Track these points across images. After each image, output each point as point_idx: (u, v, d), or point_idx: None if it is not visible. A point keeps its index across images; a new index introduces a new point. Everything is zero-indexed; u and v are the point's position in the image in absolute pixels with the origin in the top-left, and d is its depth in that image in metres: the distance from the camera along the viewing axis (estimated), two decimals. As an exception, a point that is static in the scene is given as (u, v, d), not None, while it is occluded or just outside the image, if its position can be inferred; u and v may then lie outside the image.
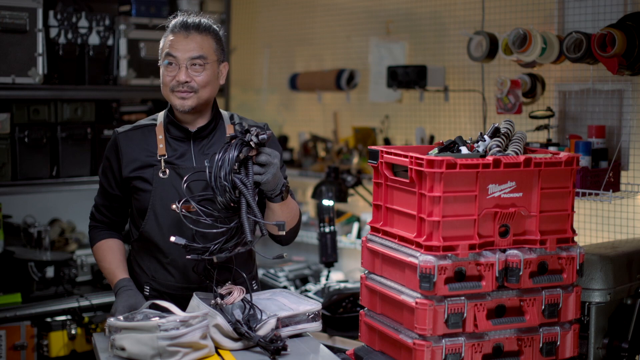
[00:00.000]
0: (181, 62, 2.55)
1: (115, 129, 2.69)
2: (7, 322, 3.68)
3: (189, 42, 2.56)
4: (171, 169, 2.58)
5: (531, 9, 3.63)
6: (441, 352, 2.20)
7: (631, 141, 3.29)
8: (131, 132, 2.65)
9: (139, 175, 2.59)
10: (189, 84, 2.55)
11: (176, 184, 2.57)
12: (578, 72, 3.46)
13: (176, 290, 2.61)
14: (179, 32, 2.58)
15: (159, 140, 2.61)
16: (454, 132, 4.03)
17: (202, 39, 2.58)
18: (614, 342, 2.76)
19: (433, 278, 2.18)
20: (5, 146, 3.80)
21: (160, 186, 2.57)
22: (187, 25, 2.59)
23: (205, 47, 2.58)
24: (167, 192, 2.57)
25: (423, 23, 4.24)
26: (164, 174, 2.57)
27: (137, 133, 2.64)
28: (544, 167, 2.29)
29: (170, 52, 2.57)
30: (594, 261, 2.73)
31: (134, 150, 2.61)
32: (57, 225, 4.29)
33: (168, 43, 2.59)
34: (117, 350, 2.23)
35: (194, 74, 2.56)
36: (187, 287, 2.59)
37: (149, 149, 2.61)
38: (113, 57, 4.17)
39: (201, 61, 2.56)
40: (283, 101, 5.17)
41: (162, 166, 2.58)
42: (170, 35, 2.60)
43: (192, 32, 2.58)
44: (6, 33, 3.75)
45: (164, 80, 2.60)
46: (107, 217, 2.71)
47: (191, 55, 2.55)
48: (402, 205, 2.34)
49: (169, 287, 2.62)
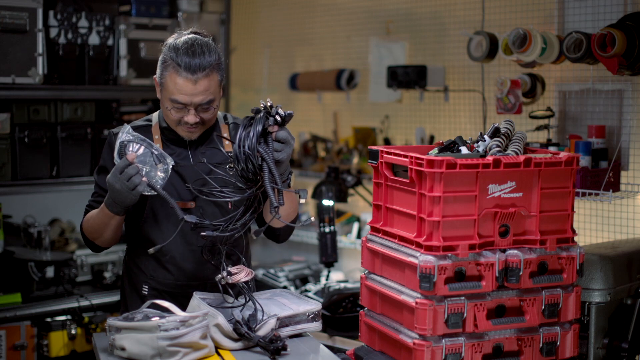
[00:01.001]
0: (190, 106, 2.49)
1: (110, 130, 2.66)
2: (7, 322, 3.68)
3: (197, 87, 2.46)
4: None
5: (531, 9, 3.63)
6: (441, 352, 2.21)
7: (631, 141, 3.29)
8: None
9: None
10: (198, 122, 2.53)
11: (174, 182, 2.57)
12: (578, 72, 3.46)
13: (175, 289, 2.61)
14: (186, 77, 2.44)
15: (156, 141, 2.61)
16: (454, 132, 4.03)
17: (209, 80, 2.47)
18: (614, 342, 2.76)
19: (433, 278, 2.18)
20: (5, 146, 3.80)
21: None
22: (194, 69, 2.44)
23: (213, 87, 2.50)
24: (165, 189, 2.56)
25: (423, 23, 4.24)
26: None
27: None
28: (544, 167, 2.29)
29: (177, 99, 2.47)
30: (594, 261, 2.73)
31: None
32: (57, 225, 4.29)
33: (174, 85, 2.46)
34: (117, 350, 2.23)
35: (203, 114, 2.52)
36: (186, 285, 2.60)
37: None
38: (113, 57, 4.17)
39: (209, 104, 2.51)
40: (283, 101, 5.17)
41: None
42: (174, 73, 2.45)
43: (199, 76, 2.45)
44: (6, 33, 3.75)
45: (170, 117, 2.53)
46: None
47: (200, 101, 2.48)
48: (402, 205, 2.34)
49: (167, 286, 2.62)
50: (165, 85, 2.49)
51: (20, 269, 3.85)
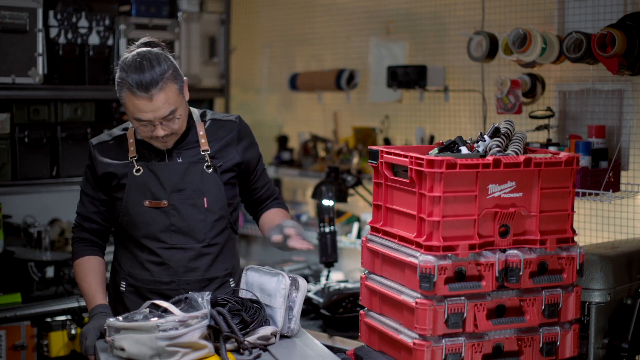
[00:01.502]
0: (154, 121, 2.49)
1: (90, 141, 2.70)
2: (7, 322, 3.68)
3: (155, 103, 2.45)
4: (144, 166, 2.61)
5: (531, 9, 3.63)
6: (441, 352, 2.20)
7: (631, 141, 3.29)
8: (105, 143, 2.67)
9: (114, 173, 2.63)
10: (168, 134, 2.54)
11: (149, 181, 2.60)
12: (578, 72, 3.46)
13: (151, 285, 2.64)
14: (140, 96, 2.43)
15: (130, 144, 2.64)
16: (454, 132, 4.03)
17: (165, 92, 2.46)
18: (614, 342, 2.76)
19: (433, 278, 2.18)
20: (5, 146, 3.80)
21: (134, 183, 2.61)
22: (146, 86, 2.43)
23: (172, 98, 2.48)
24: (139, 188, 2.61)
25: (423, 23, 4.24)
26: (137, 171, 2.61)
27: (111, 145, 2.67)
28: (544, 167, 2.29)
29: (140, 118, 2.47)
30: (594, 261, 2.73)
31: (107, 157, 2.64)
32: (57, 225, 4.29)
33: (133, 105, 2.46)
34: (117, 351, 2.23)
35: (170, 124, 2.52)
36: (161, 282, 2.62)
37: (121, 153, 2.65)
38: (113, 57, 4.17)
39: (172, 115, 2.50)
40: (283, 101, 5.17)
41: (135, 165, 2.61)
42: (130, 94, 2.45)
43: (154, 92, 2.44)
44: (6, 33, 3.75)
45: (141, 134, 2.55)
46: (98, 224, 2.71)
47: (163, 115, 2.48)
48: (402, 205, 2.34)
49: (144, 282, 2.65)
50: (126, 106, 2.51)
51: (20, 269, 3.85)
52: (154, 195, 2.60)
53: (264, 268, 2.53)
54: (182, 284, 2.61)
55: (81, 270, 2.66)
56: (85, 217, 2.71)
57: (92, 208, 2.70)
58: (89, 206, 2.70)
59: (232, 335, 2.25)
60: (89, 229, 2.71)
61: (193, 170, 2.62)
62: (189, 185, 2.61)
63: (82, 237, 2.72)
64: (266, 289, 2.46)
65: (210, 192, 2.63)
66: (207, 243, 2.64)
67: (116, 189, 2.64)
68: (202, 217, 2.62)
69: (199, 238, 2.63)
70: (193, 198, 2.61)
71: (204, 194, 2.62)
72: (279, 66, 5.13)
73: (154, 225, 2.60)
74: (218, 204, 2.65)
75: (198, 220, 2.62)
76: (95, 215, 2.70)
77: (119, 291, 2.70)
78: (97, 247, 2.73)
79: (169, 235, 2.61)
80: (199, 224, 2.62)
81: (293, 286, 2.43)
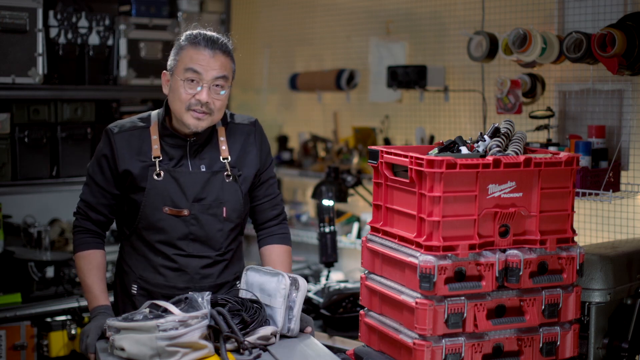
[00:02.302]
0: (204, 81, 2.49)
1: (108, 128, 2.63)
2: (7, 322, 3.67)
3: (215, 61, 2.50)
4: (166, 171, 2.58)
5: (531, 9, 3.63)
6: (441, 352, 2.20)
7: (631, 141, 3.29)
8: (127, 134, 2.61)
9: (133, 173, 2.58)
10: (208, 105, 2.52)
11: (169, 187, 2.57)
12: (578, 72, 3.46)
13: (164, 289, 2.61)
14: (204, 49, 2.49)
15: (154, 141, 2.60)
16: (454, 132, 4.03)
17: (225, 60, 2.54)
18: (614, 342, 2.76)
19: (433, 278, 2.18)
20: (5, 146, 3.80)
21: (154, 188, 2.57)
22: (214, 43, 2.51)
23: (227, 68, 2.54)
24: (160, 194, 2.57)
25: (423, 23, 4.24)
26: (158, 176, 2.57)
27: (131, 134, 2.61)
28: (544, 167, 2.29)
29: (195, 68, 2.48)
30: (594, 261, 2.73)
31: (128, 151, 2.59)
32: (57, 225, 4.29)
33: (190, 57, 2.49)
34: (117, 351, 2.23)
35: (214, 96, 2.52)
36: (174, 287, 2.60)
37: (142, 150, 2.59)
38: (113, 57, 4.17)
39: (223, 82, 2.52)
40: (283, 101, 5.17)
41: (156, 168, 2.57)
42: (191, 48, 2.50)
43: (218, 52, 2.51)
44: (6, 33, 3.75)
45: (182, 96, 2.51)
46: (104, 216, 2.66)
47: (216, 75, 2.50)
48: (402, 205, 2.34)
49: (156, 286, 2.62)
50: (181, 60, 2.52)
51: (20, 269, 3.85)
52: (175, 202, 2.57)
53: (264, 268, 2.53)
54: (197, 289, 2.57)
55: (84, 265, 2.61)
56: (93, 207, 2.64)
57: (102, 200, 2.63)
58: (99, 197, 2.63)
59: (232, 335, 2.25)
60: (94, 219, 2.65)
61: (214, 179, 2.60)
62: (210, 195, 2.59)
63: (86, 227, 2.65)
64: (266, 289, 2.46)
65: (229, 202, 2.61)
66: (223, 251, 2.64)
67: (131, 189, 2.59)
68: (220, 227, 2.61)
69: (216, 247, 2.62)
70: (213, 207, 2.59)
71: (223, 203, 2.60)
72: (279, 66, 5.13)
73: (172, 233, 2.58)
74: (236, 213, 2.64)
75: (216, 230, 2.61)
76: (103, 207, 2.64)
77: (129, 293, 2.66)
78: (100, 239, 2.66)
79: (186, 243, 2.59)
80: (217, 234, 2.61)
81: (293, 286, 2.43)
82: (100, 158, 2.63)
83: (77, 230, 2.66)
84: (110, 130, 2.62)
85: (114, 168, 2.59)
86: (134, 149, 2.59)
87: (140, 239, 2.62)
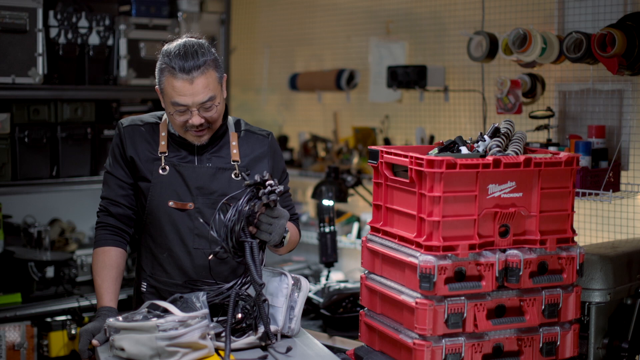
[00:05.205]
0: (193, 107, 2.49)
1: (119, 122, 2.67)
2: (7, 322, 3.68)
3: (195, 86, 2.47)
4: (171, 166, 2.59)
5: (531, 9, 3.63)
6: (441, 352, 2.20)
7: (631, 141, 3.29)
8: (136, 128, 2.64)
9: (139, 167, 2.61)
10: (204, 124, 2.53)
11: (174, 181, 2.58)
12: (578, 72, 3.46)
13: (172, 287, 2.61)
14: (182, 76, 2.46)
15: (162, 137, 2.62)
16: (454, 132, 4.03)
17: (206, 77, 2.48)
18: (614, 342, 2.76)
19: (433, 278, 2.18)
20: (5, 146, 3.80)
21: (159, 182, 2.59)
22: (188, 69, 2.46)
23: (211, 84, 2.50)
24: (165, 188, 2.59)
25: (423, 23, 4.24)
26: (163, 170, 2.59)
27: (142, 131, 2.64)
28: (544, 167, 2.29)
29: (179, 102, 2.48)
30: (594, 261, 2.73)
31: (136, 141, 2.62)
32: (57, 225, 4.29)
33: (172, 87, 2.47)
34: (117, 351, 2.23)
35: (207, 114, 2.52)
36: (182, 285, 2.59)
37: (150, 143, 2.63)
38: (113, 57, 4.17)
39: (211, 102, 2.51)
40: (283, 101, 5.17)
41: (162, 162, 2.59)
42: (170, 76, 2.48)
43: (195, 74, 2.46)
44: (6, 33, 3.75)
45: (175, 122, 2.53)
46: (124, 207, 2.64)
47: (202, 100, 2.48)
48: (402, 205, 2.34)
49: (165, 284, 2.63)
50: (165, 90, 2.51)
51: (20, 269, 3.85)
52: (179, 196, 2.58)
53: (267, 268, 2.53)
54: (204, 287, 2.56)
55: (98, 262, 2.59)
56: (112, 200, 2.63)
57: (120, 191, 2.63)
58: (116, 189, 2.63)
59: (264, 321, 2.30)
60: (115, 213, 2.63)
61: (221, 176, 2.60)
62: (216, 190, 2.59)
63: (107, 222, 2.63)
64: (268, 288, 2.46)
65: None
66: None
67: (139, 177, 2.61)
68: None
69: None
70: (218, 203, 2.58)
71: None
72: (279, 66, 5.13)
73: (176, 227, 2.58)
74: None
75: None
76: (122, 198, 2.63)
77: (139, 291, 2.68)
78: (121, 236, 2.64)
79: (192, 239, 2.59)
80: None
81: (295, 286, 2.43)
82: (113, 149, 2.67)
83: (98, 226, 2.66)
84: (120, 123, 2.67)
85: (124, 154, 2.62)
86: (141, 140, 2.62)
87: (149, 235, 2.64)
